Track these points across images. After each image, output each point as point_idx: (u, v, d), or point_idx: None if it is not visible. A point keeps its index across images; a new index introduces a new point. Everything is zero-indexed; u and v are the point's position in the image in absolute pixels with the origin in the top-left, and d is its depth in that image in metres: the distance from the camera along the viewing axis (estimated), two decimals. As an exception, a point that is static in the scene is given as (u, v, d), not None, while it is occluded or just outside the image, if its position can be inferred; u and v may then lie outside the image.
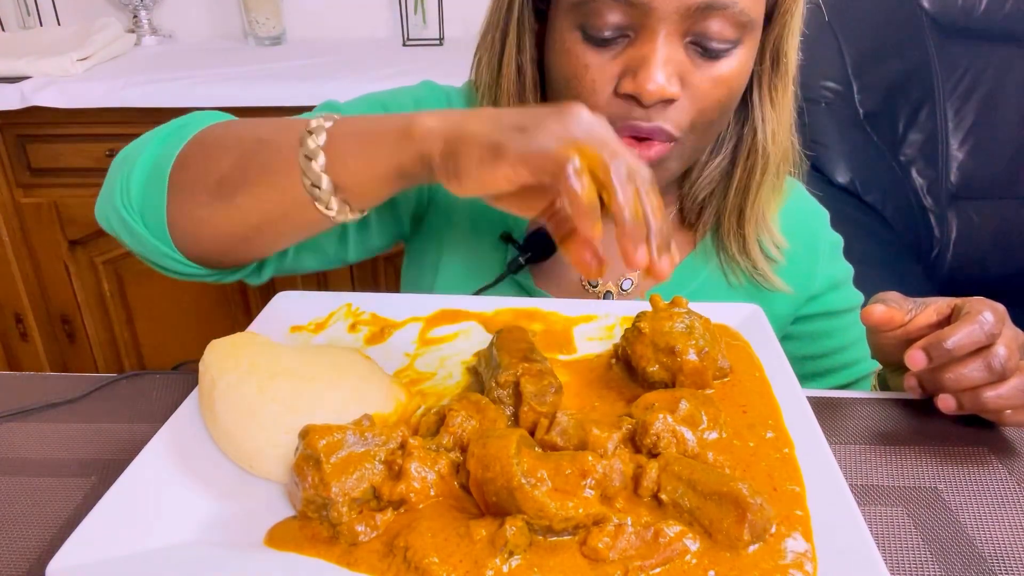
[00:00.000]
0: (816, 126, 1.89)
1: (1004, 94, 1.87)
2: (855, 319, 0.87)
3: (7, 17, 2.14)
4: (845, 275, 0.88)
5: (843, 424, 0.62)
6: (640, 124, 0.65)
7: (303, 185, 0.57)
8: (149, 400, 0.64)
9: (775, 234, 0.80)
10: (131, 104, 1.71)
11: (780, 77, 0.72)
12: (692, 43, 0.64)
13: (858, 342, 0.87)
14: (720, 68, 0.65)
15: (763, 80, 0.72)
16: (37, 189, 1.87)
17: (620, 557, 0.42)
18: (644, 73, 0.62)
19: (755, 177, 0.76)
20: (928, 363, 0.58)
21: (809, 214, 0.87)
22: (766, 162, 0.75)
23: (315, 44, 2.04)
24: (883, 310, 0.63)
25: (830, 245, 0.87)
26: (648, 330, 0.56)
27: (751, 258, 0.79)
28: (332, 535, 0.44)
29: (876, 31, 1.89)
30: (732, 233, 0.79)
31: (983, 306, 0.59)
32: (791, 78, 0.73)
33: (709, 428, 0.50)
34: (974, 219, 1.88)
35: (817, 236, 0.86)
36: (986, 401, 0.58)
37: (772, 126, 0.74)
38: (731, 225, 0.79)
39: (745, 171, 0.76)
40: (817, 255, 0.85)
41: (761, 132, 0.74)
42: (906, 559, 0.49)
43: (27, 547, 0.49)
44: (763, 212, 0.79)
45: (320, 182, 0.56)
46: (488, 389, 0.54)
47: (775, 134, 0.74)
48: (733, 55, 0.65)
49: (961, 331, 0.57)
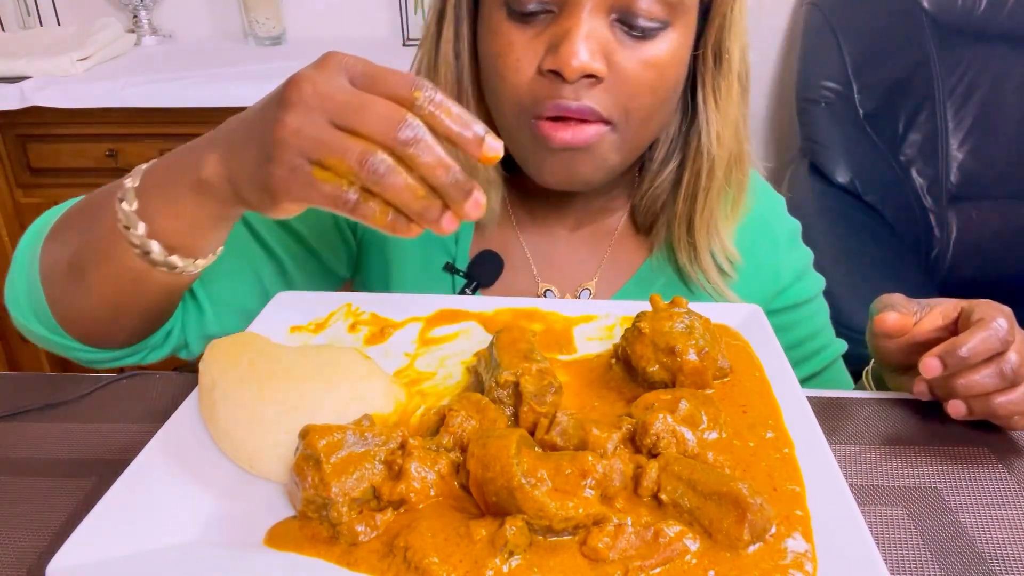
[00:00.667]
0: (816, 126, 1.89)
1: (1004, 94, 1.87)
2: (820, 305, 0.87)
3: (7, 17, 2.13)
4: (806, 262, 0.86)
5: (843, 424, 0.62)
6: (568, 103, 0.63)
7: (136, 255, 0.56)
8: (149, 400, 0.64)
9: (728, 247, 0.77)
10: (131, 104, 1.71)
11: (723, 76, 0.70)
12: (619, 21, 0.63)
13: (824, 328, 0.87)
14: (648, 49, 0.63)
15: (706, 79, 0.70)
16: (37, 189, 1.87)
17: (620, 557, 0.42)
18: (566, 47, 0.61)
19: (701, 182, 0.73)
20: (943, 371, 0.57)
21: (764, 203, 0.84)
22: (712, 166, 0.72)
23: (315, 44, 2.03)
24: (896, 318, 0.61)
25: (788, 233, 0.85)
26: (648, 330, 0.56)
27: (703, 269, 0.77)
28: (332, 535, 0.44)
29: (876, 31, 1.89)
30: (682, 242, 0.77)
31: (995, 311, 0.59)
32: (736, 76, 0.70)
33: (709, 428, 0.50)
34: (974, 219, 1.88)
35: (775, 228, 0.84)
36: (997, 407, 0.58)
37: (717, 127, 0.71)
38: (680, 234, 0.76)
39: (692, 176, 0.74)
40: (778, 249, 0.83)
41: (705, 134, 0.71)
42: (906, 559, 0.49)
43: (27, 547, 0.49)
44: (714, 220, 0.76)
45: (149, 247, 0.56)
46: (488, 389, 0.54)
47: (720, 136, 0.72)
48: (663, 37, 0.64)
49: (976, 338, 0.56)
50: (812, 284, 0.86)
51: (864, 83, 1.87)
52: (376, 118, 0.43)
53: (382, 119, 0.43)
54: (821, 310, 0.87)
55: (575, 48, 0.60)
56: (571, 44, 0.60)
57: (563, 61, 0.61)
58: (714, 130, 0.71)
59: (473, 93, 0.72)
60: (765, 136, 2.30)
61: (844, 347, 0.88)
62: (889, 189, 1.86)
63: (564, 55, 0.61)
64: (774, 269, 0.82)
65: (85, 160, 1.82)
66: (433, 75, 0.72)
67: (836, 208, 1.81)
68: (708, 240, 0.76)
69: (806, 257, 0.86)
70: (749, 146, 0.76)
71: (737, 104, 0.72)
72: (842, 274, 1.56)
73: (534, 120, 0.65)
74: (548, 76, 0.63)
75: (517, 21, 0.64)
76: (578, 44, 0.60)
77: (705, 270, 0.77)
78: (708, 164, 0.72)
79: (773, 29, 2.15)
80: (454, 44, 0.71)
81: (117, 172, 1.83)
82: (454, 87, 0.72)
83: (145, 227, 0.55)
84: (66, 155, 1.82)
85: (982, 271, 1.88)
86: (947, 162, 1.89)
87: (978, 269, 1.88)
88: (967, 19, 1.87)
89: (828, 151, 1.87)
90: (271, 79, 1.72)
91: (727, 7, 0.67)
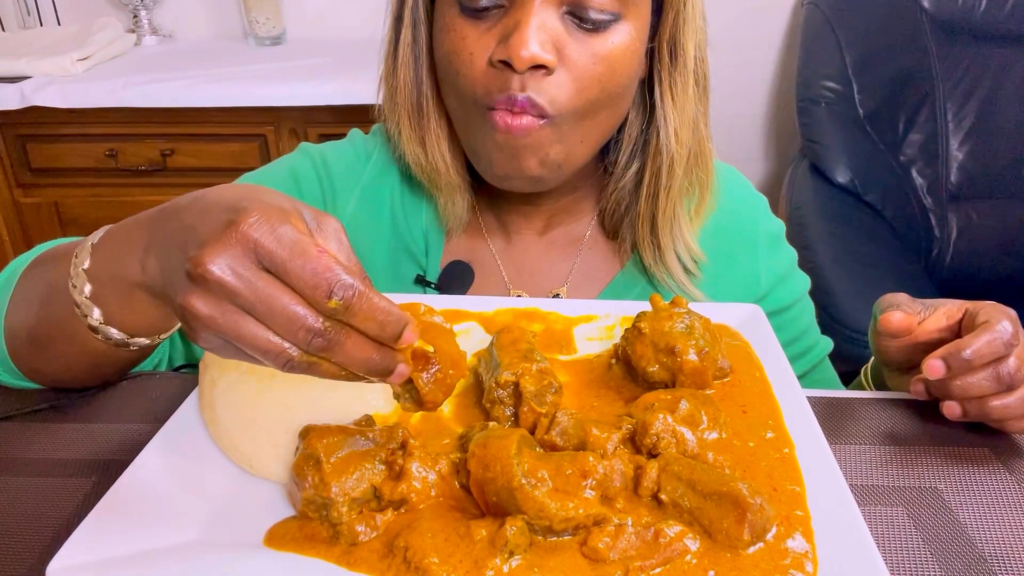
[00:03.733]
0: (816, 126, 1.89)
1: (1004, 94, 1.87)
2: (804, 307, 0.86)
3: (7, 17, 2.13)
4: (789, 264, 0.85)
5: (843, 424, 0.62)
6: (516, 95, 0.63)
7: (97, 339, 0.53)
8: (149, 400, 0.64)
9: (692, 246, 0.77)
10: (131, 104, 1.71)
11: (679, 72, 0.70)
12: (569, 13, 0.63)
13: (809, 329, 0.86)
14: (599, 43, 0.64)
15: (663, 76, 0.70)
16: (37, 189, 1.87)
17: (620, 557, 0.42)
18: (515, 37, 0.61)
19: (662, 181, 0.73)
20: (946, 372, 0.57)
21: (743, 205, 0.83)
22: (671, 163, 0.72)
23: (315, 44, 2.04)
24: (901, 318, 0.61)
25: (768, 236, 0.83)
26: (648, 330, 0.56)
27: (668, 268, 0.76)
28: (332, 535, 0.44)
29: (876, 31, 1.89)
30: (646, 242, 0.76)
31: (1000, 314, 0.58)
32: (692, 73, 0.70)
33: (709, 428, 0.50)
34: (974, 219, 1.88)
35: (754, 229, 0.82)
36: (991, 410, 0.58)
37: (674, 125, 0.71)
38: (644, 233, 0.76)
39: (652, 175, 0.74)
40: (757, 254, 0.81)
41: (663, 132, 0.71)
42: (906, 559, 0.49)
43: (27, 547, 0.49)
44: (677, 220, 0.75)
45: (111, 336, 0.53)
46: (488, 389, 0.54)
47: (678, 133, 0.71)
48: (614, 30, 0.64)
49: (980, 341, 0.56)
50: (794, 287, 0.84)
51: (864, 83, 1.87)
52: (285, 321, 0.40)
53: (290, 323, 0.40)
54: (805, 312, 0.86)
55: (524, 38, 0.61)
56: (520, 34, 0.61)
57: (512, 51, 0.61)
58: (671, 127, 0.71)
59: (432, 96, 0.72)
60: (765, 136, 2.30)
61: (830, 346, 0.88)
62: (889, 189, 1.86)
63: (513, 45, 0.61)
64: (753, 275, 0.81)
65: (85, 160, 1.82)
66: (392, 80, 0.73)
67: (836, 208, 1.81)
68: (672, 239, 0.76)
69: (788, 259, 0.85)
70: (710, 144, 0.75)
71: (695, 101, 0.72)
72: (842, 274, 1.56)
73: (486, 111, 0.65)
74: (499, 67, 0.63)
75: (469, 17, 0.64)
76: (528, 34, 0.61)
77: (670, 269, 0.77)
78: (668, 162, 0.72)
79: (773, 29, 2.15)
80: (412, 48, 0.71)
81: (117, 172, 1.83)
82: (413, 91, 0.72)
83: (100, 313, 0.52)
84: (66, 155, 1.82)
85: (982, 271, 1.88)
86: (947, 162, 1.89)
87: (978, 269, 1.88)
88: (967, 19, 1.87)
89: (828, 151, 1.87)
90: (271, 79, 1.73)
91: (679, 3, 0.67)
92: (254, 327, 0.40)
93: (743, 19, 2.11)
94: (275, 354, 0.41)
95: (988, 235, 1.87)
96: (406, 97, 0.73)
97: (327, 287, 0.40)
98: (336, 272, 0.40)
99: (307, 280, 0.40)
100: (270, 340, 0.40)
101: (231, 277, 0.40)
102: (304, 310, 0.40)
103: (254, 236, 0.40)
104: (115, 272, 0.50)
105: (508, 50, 0.62)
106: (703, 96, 0.73)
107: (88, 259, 0.52)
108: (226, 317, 0.40)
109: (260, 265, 0.40)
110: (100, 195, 1.86)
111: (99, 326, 0.52)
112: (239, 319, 0.40)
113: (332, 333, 0.40)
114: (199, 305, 0.40)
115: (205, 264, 0.39)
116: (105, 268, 0.51)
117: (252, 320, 0.40)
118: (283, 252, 0.40)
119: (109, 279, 0.51)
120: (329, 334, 0.40)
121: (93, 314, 0.52)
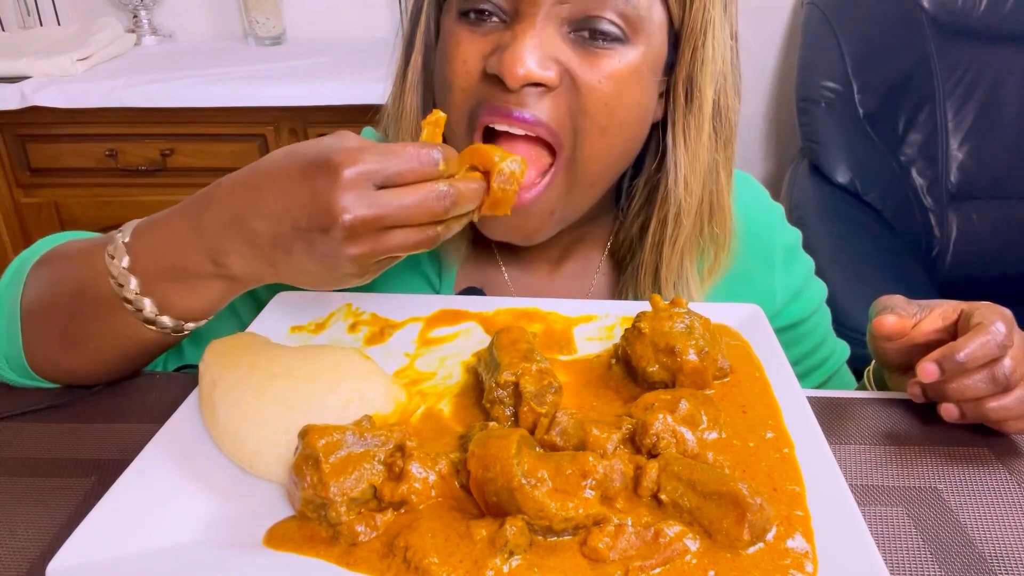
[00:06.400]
0: (816, 126, 1.89)
1: (1004, 94, 1.87)
2: (821, 316, 0.84)
3: (7, 17, 2.14)
4: (806, 276, 0.82)
5: (843, 424, 0.62)
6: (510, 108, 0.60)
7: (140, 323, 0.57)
8: (149, 400, 0.64)
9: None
10: (131, 104, 1.71)
11: (694, 114, 0.65)
12: (575, 31, 0.60)
13: (827, 337, 0.85)
14: (606, 62, 0.60)
15: (676, 118, 0.66)
16: (37, 189, 1.87)
17: (620, 557, 0.42)
18: (511, 51, 0.57)
19: (668, 230, 0.68)
20: (941, 375, 0.57)
21: (758, 223, 0.79)
22: (678, 213, 0.67)
23: (315, 44, 2.04)
24: (894, 321, 0.61)
25: (784, 250, 0.80)
26: (648, 330, 0.56)
27: None
28: (331, 535, 0.44)
29: (876, 31, 1.89)
30: (647, 295, 0.71)
31: (994, 315, 0.58)
32: (709, 118, 0.65)
33: (709, 428, 0.50)
34: (974, 219, 1.88)
35: (770, 245, 0.79)
36: (988, 412, 0.58)
37: (684, 171, 0.66)
38: (646, 285, 0.72)
39: (659, 223, 0.69)
40: (773, 269, 0.79)
41: (671, 177, 0.66)
42: (906, 559, 0.49)
43: (27, 547, 0.49)
44: (683, 277, 0.71)
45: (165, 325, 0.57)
46: (488, 389, 0.54)
47: (687, 181, 0.66)
48: (621, 53, 0.60)
49: (974, 343, 0.56)
50: (811, 298, 0.82)
51: (864, 83, 1.87)
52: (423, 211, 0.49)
53: (427, 208, 0.49)
54: (823, 321, 0.84)
55: (520, 53, 0.57)
56: (516, 49, 0.57)
57: (506, 67, 0.57)
58: (681, 173, 0.66)
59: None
60: (765, 136, 2.30)
61: (847, 351, 0.87)
62: (889, 189, 1.86)
63: (507, 60, 0.57)
64: (768, 292, 0.78)
65: (85, 160, 1.82)
66: (399, 104, 0.70)
67: (836, 208, 1.81)
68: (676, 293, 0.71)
69: (805, 271, 0.83)
70: (729, 199, 0.70)
71: (709, 149, 0.67)
72: (842, 274, 1.56)
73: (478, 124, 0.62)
74: (492, 80, 0.60)
75: (467, 22, 0.62)
76: (524, 49, 0.57)
77: None
78: (675, 211, 0.67)
79: (773, 29, 2.15)
80: (422, 74, 0.69)
81: (117, 172, 1.83)
82: (419, 117, 0.69)
83: (153, 304, 0.56)
84: (66, 155, 1.82)
85: (982, 271, 1.88)
86: (947, 162, 1.89)
87: (978, 269, 1.88)
88: (967, 19, 1.87)
89: (828, 151, 1.87)
90: (271, 79, 1.73)
91: (697, 40, 0.63)
92: (403, 235, 0.49)
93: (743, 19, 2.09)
94: (427, 241, 0.50)
95: (988, 235, 1.87)
96: (412, 123, 0.70)
97: (430, 160, 0.49)
98: (421, 145, 0.49)
99: (416, 168, 0.49)
100: (418, 234, 0.50)
101: (369, 211, 0.47)
102: (427, 190, 0.49)
103: (359, 171, 0.47)
104: (169, 264, 0.54)
105: (501, 64, 0.58)
106: (724, 147, 0.68)
107: (126, 257, 0.55)
108: (379, 245, 0.49)
109: (375, 187, 0.48)
110: (100, 195, 1.87)
111: (155, 317, 0.56)
112: (389, 238, 0.49)
113: (453, 188, 0.50)
114: (353, 251, 0.48)
115: (342, 217, 0.47)
116: (154, 262, 0.55)
117: (398, 230, 0.49)
118: (386, 165, 0.48)
119: (160, 272, 0.55)
120: (452, 190, 0.50)
121: (146, 306, 0.56)
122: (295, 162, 0.50)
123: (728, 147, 0.69)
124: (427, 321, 0.66)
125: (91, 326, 0.59)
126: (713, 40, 0.63)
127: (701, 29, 0.62)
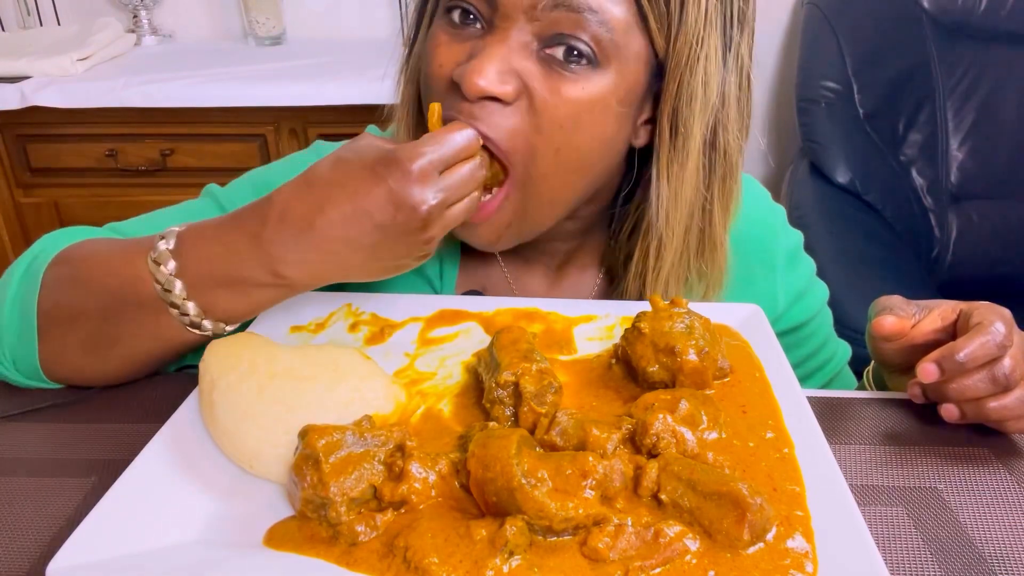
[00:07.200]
0: (816, 126, 1.89)
1: (1004, 94, 1.87)
2: (823, 318, 0.84)
3: (7, 17, 2.14)
4: (808, 278, 0.82)
5: (843, 424, 0.62)
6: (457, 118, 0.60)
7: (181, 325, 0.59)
8: (149, 400, 0.64)
9: None
10: (131, 104, 1.71)
11: (677, 150, 0.63)
12: (544, 49, 0.59)
13: (828, 339, 0.85)
14: (570, 86, 0.58)
15: (660, 152, 0.63)
16: (37, 189, 1.87)
17: (620, 557, 0.42)
18: (473, 62, 0.58)
19: (650, 262, 0.67)
20: (941, 376, 0.57)
21: (760, 227, 0.78)
22: (660, 248, 0.66)
23: (315, 44, 2.04)
24: (893, 322, 0.61)
25: (786, 253, 0.79)
26: (648, 330, 0.56)
27: None
28: (331, 535, 0.44)
29: (876, 31, 1.89)
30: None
31: (993, 315, 0.58)
32: (694, 153, 0.63)
33: (709, 428, 0.50)
34: (974, 219, 1.88)
35: (772, 249, 0.78)
36: (988, 412, 0.58)
37: (665, 206, 0.64)
38: None
39: (642, 253, 0.68)
40: (775, 273, 0.78)
41: (653, 210, 0.65)
42: (906, 559, 0.49)
43: (27, 547, 0.49)
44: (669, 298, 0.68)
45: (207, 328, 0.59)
46: (488, 389, 0.54)
47: (668, 216, 0.64)
48: (589, 77, 0.59)
49: (974, 343, 0.56)
50: (813, 301, 0.82)
51: (864, 83, 1.87)
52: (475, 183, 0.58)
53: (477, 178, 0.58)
54: (824, 323, 0.84)
55: (482, 65, 0.57)
56: (479, 61, 0.57)
57: (466, 77, 0.57)
58: (663, 208, 0.64)
59: None
60: (765, 136, 2.30)
61: (849, 352, 0.87)
62: (889, 189, 1.86)
63: (468, 71, 0.57)
64: (770, 296, 0.77)
65: (85, 160, 1.82)
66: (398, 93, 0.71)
67: (836, 208, 1.81)
68: None
69: (806, 273, 0.82)
70: (725, 235, 0.68)
71: (695, 185, 0.64)
72: (842, 274, 1.56)
73: None
74: (455, 87, 0.60)
75: (451, 25, 0.61)
76: (486, 61, 0.57)
77: None
78: (657, 246, 0.66)
79: (773, 29, 2.15)
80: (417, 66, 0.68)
81: (117, 172, 1.83)
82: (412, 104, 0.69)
83: (196, 308, 0.58)
84: (66, 155, 1.82)
85: (982, 271, 1.88)
86: (947, 162, 1.89)
87: (978, 269, 1.88)
88: (967, 19, 1.87)
89: (828, 151, 1.87)
90: (271, 79, 1.73)
91: (683, 74, 0.60)
92: (460, 208, 0.57)
93: (743, 19, 2.10)
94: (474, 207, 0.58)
95: (988, 235, 1.87)
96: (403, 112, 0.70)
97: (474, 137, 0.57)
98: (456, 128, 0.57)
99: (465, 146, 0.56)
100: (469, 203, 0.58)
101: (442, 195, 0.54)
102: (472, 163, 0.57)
103: (425, 162, 0.53)
104: (223, 273, 0.57)
105: (462, 72, 0.58)
106: (721, 182, 0.66)
107: (172, 262, 0.57)
108: (447, 222, 0.56)
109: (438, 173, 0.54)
110: (100, 195, 1.87)
111: (200, 321, 0.59)
112: (452, 213, 0.56)
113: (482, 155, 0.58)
114: (430, 234, 0.55)
115: (421, 208, 0.53)
116: (207, 270, 0.57)
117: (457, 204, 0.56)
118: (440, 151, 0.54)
119: (211, 280, 0.57)
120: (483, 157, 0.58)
121: (191, 310, 0.58)
122: (353, 166, 0.54)
123: (726, 182, 0.66)
124: (427, 321, 0.66)
125: (127, 328, 0.60)
126: (704, 75, 0.61)
127: (687, 63, 0.60)
